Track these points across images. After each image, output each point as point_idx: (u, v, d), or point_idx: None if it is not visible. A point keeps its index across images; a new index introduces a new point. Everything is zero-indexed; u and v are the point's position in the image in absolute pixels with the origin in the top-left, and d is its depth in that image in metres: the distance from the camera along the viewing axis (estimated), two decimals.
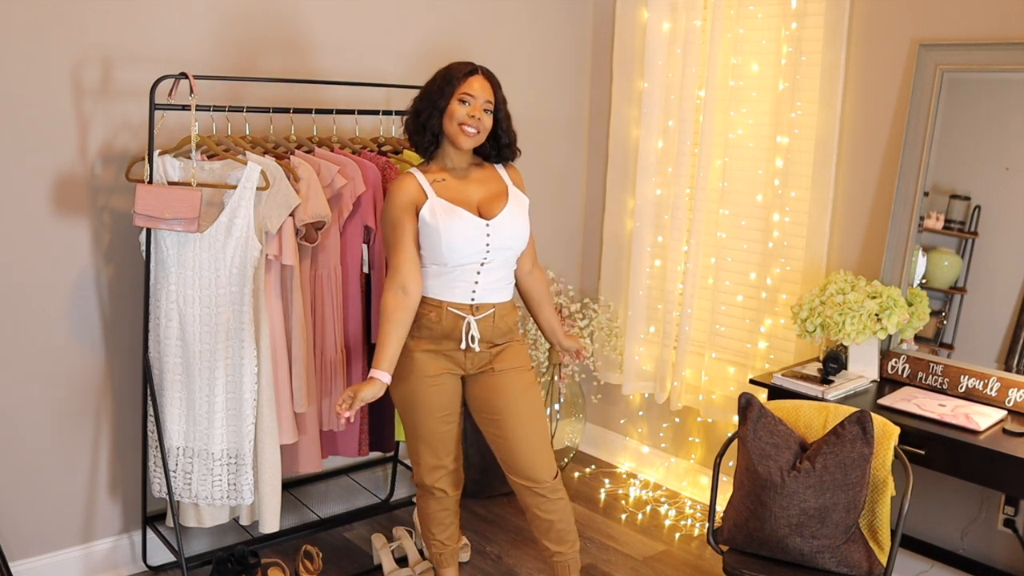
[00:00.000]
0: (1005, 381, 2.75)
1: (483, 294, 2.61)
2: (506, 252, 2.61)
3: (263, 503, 2.79)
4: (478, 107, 2.52)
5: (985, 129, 2.85)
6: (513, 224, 2.61)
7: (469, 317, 2.59)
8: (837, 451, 2.43)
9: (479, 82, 2.53)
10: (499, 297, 2.64)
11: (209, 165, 2.72)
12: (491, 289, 2.62)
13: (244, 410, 2.71)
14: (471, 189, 2.61)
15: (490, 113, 2.55)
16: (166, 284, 2.69)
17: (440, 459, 2.74)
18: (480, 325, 2.60)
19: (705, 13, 3.52)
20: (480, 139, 2.56)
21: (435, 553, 2.89)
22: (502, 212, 2.59)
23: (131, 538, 3.09)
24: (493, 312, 2.62)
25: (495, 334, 2.64)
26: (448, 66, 2.58)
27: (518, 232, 2.62)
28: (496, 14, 3.68)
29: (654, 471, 4.01)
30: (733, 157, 3.50)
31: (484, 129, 2.55)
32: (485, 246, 2.56)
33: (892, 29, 3.03)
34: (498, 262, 2.61)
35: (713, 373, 3.67)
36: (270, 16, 3.08)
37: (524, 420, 2.64)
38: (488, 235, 2.56)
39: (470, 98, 2.52)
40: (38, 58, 2.67)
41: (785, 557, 2.49)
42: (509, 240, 2.60)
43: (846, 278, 3.01)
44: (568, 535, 2.73)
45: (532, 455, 2.64)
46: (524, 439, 2.64)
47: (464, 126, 2.51)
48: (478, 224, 2.55)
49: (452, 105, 2.52)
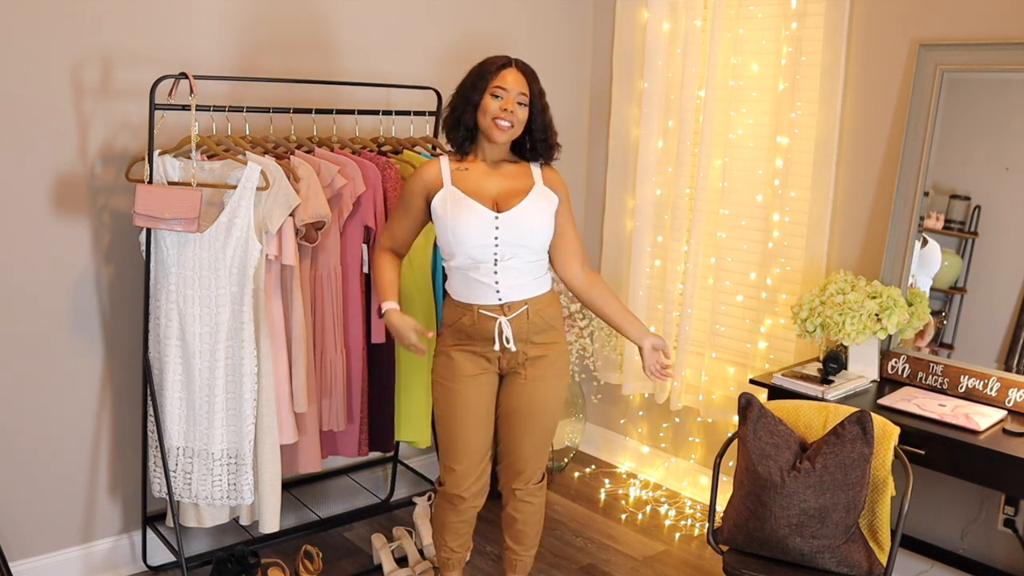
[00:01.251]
0: (1005, 381, 2.75)
1: (509, 292, 2.55)
2: (520, 249, 2.54)
3: (263, 503, 2.79)
4: (511, 100, 2.49)
5: (985, 129, 2.85)
6: (526, 219, 2.53)
7: (500, 318, 2.55)
8: (837, 451, 2.43)
9: (513, 75, 2.51)
10: (529, 293, 2.58)
11: (209, 165, 2.72)
12: (516, 287, 2.55)
13: (244, 410, 2.70)
14: (492, 181, 2.56)
15: (524, 106, 2.52)
16: (166, 284, 2.69)
17: (472, 468, 2.66)
18: (513, 324, 2.56)
19: (705, 13, 3.52)
20: (515, 132, 2.53)
21: (443, 557, 2.83)
22: (516, 206, 2.53)
23: (131, 538, 3.09)
24: (526, 309, 2.57)
25: (532, 331, 2.59)
26: (483, 60, 2.56)
27: (532, 229, 2.54)
28: (496, 14, 3.68)
29: (654, 471, 4.01)
30: (733, 157, 3.50)
31: (518, 122, 2.52)
32: (494, 240, 2.51)
33: (892, 29, 3.03)
34: (517, 261, 2.54)
35: (713, 373, 3.67)
36: (269, 16, 3.08)
37: (533, 430, 2.65)
38: (497, 228, 2.50)
39: (503, 91, 2.49)
40: (38, 58, 2.67)
41: (785, 557, 2.49)
42: (521, 236, 2.52)
43: (846, 278, 3.01)
44: (525, 538, 2.77)
45: (526, 461, 2.68)
46: (525, 446, 2.66)
47: (497, 120, 2.49)
48: (486, 216, 2.50)
49: (485, 99, 2.50)
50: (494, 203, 2.53)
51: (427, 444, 3.21)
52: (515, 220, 2.52)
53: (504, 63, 2.52)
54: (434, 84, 3.35)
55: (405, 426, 3.16)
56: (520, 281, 2.56)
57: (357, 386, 3.02)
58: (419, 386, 3.14)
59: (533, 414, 2.63)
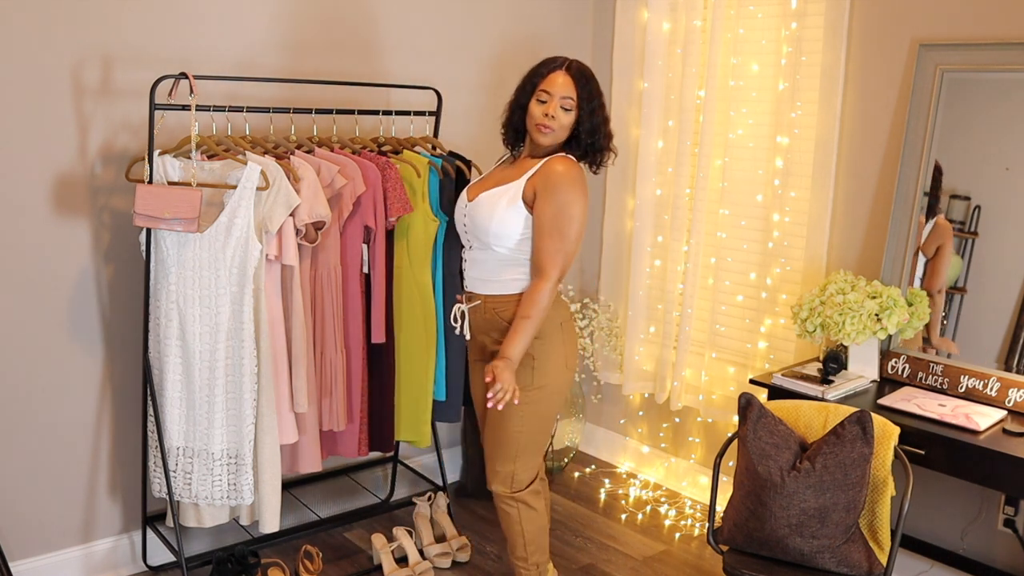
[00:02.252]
0: (1005, 381, 2.75)
1: (472, 283, 2.66)
2: (477, 242, 2.58)
3: (263, 503, 2.79)
4: (553, 105, 2.51)
5: (985, 129, 2.85)
6: (476, 212, 2.56)
7: (462, 305, 2.67)
8: (837, 451, 2.43)
9: (561, 78, 2.52)
10: (489, 289, 2.60)
11: (209, 165, 2.72)
12: (477, 279, 2.64)
13: (244, 410, 2.70)
14: (503, 173, 2.65)
15: (570, 111, 2.52)
16: (166, 284, 2.69)
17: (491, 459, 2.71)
18: (471, 314, 2.66)
19: (705, 13, 3.52)
20: (558, 136, 2.54)
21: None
22: (475, 199, 2.59)
23: (131, 538, 3.09)
24: (481, 304, 2.63)
25: (488, 327, 2.64)
26: (540, 61, 2.60)
27: (480, 223, 2.54)
28: (496, 14, 3.68)
29: (654, 471, 4.01)
30: (733, 157, 3.50)
31: (560, 127, 2.53)
32: (463, 227, 2.64)
33: (892, 29, 3.03)
34: (479, 253, 2.60)
35: (713, 373, 3.67)
36: (269, 16, 3.07)
37: (490, 428, 2.68)
38: (465, 215, 2.62)
39: (547, 95, 2.52)
40: (38, 58, 2.67)
41: (785, 557, 2.49)
42: (475, 229, 2.58)
43: (846, 278, 3.01)
44: (509, 544, 2.79)
45: (488, 460, 2.72)
46: (487, 444, 2.72)
47: (539, 125, 2.53)
48: (462, 204, 2.66)
49: (532, 103, 2.55)
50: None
51: (427, 444, 3.21)
52: (472, 212, 2.60)
53: (556, 65, 2.54)
54: (434, 84, 3.35)
55: (405, 426, 3.16)
56: (480, 274, 2.63)
57: (357, 386, 3.02)
58: (419, 386, 3.14)
59: (489, 413, 2.66)
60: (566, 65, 2.54)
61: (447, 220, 3.11)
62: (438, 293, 3.14)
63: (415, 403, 3.15)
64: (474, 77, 3.64)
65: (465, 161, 3.19)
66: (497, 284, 2.59)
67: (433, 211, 3.08)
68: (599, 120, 2.56)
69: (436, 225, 3.08)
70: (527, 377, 2.58)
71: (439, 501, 3.42)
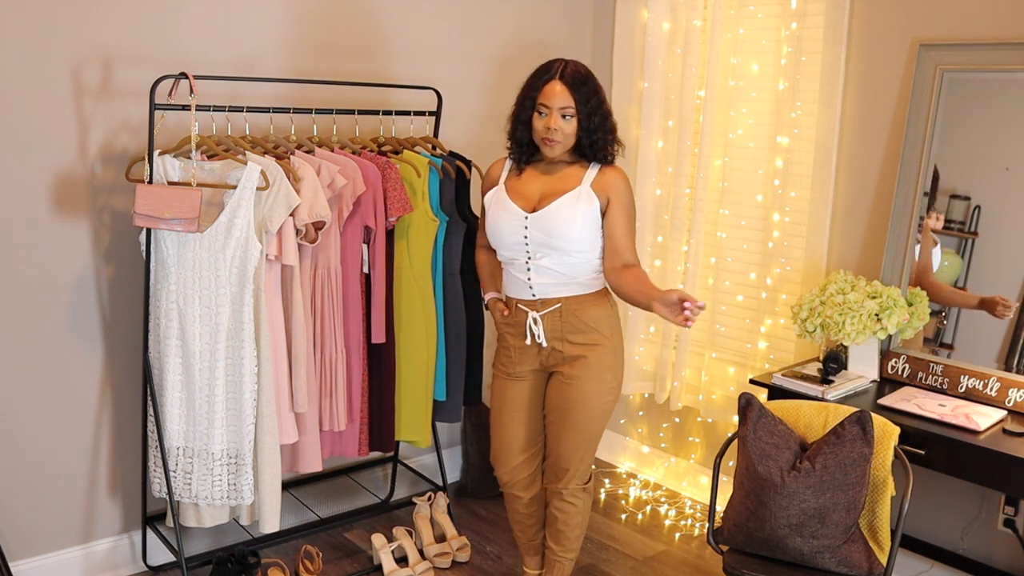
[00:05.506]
0: (1005, 381, 2.75)
1: (542, 289, 2.62)
2: (549, 249, 2.57)
3: (263, 503, 2.79)
4: (554, 118, 2.53)
5: (985, 129, 2.85)
6: (554, 220, 2.55)
7: (532, 313, 2.63)
8: (837, 451, 2.43)
9: (557, 88, 2.52)
10: (566, 292, 2.61)
11: (209, 165, 2.72)
12: (550, 285, 2.61)
13: (244, 410, 2.70)
14: (539, 182, 2.63)
15: (571, 118, 2.54)
16: (166, 284, 2.69)
17: (510, 457, 2.78)
18: (545, 321, 2.63)
19: (705, 13, 3.52)
20: (566, 144, 2.57)
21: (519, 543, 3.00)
22: (545, 208, 2.57)
23: (131, 538, 3.09)
24: (559, 308, 2.61)
25: (567, 330, 2.63)
26: (534, 70, 2.60)
27: (559, 230, 2.55)
28: (495, 14, 3.68)
29: (654, 471, 4.01)
30: (733, 157, 3.50)
31: (565, 136, 2.55)
32: (524, 239, 2.58)
33: (892, 29, 3.03)
34: (549, 260, 2.58)
35: (713, 373, 3.67)
36: (269, 16, 3.08)
37: (570, 429, 2.68)
38: (527, 227, 2.57)
39: (546, 109, 2.53)
40: (38, 58, 2.67)
41: (785, 557, 2.49)
42: (549, 236, 2.55)
43: (846, 278, 3.01)
44: (564, 539, 2.82)
45: (564, 460, 2.73)
46: (563, 444, 2.71)
47: (544, 139, 2.55)
48: (518, 216, 2.59)
49: (533, 117, 2.57)
50: (537, 203, 2.60)
51: (427, 444, 3.21)
52: (543, 221, 2.57)
53: (550, 76, 2.54)
54: (434, 84, 3.35)
55: (405, 426, 3.16)
56: (554, 280, 2.61)
57: (357, 386, 3.03)
58: (419, 386, 3.14)
59: (570, 412, 2.67)
60: (560, 73, 2.54)
61: (447, 220, 3.11)
62: (438, 293, 3.14)
63: (415, 403, 3.15)
64: (474, 77, 3.64)
65: (465, 161, 3.20)
66: (576, 286, 2.62)
67: (433, 211, 3.08)
68: (599, 120, 2.58)
69: (436, 225, 3.08)
70: (609, 374, 2.68)
71: (439, 501, 3.42)
